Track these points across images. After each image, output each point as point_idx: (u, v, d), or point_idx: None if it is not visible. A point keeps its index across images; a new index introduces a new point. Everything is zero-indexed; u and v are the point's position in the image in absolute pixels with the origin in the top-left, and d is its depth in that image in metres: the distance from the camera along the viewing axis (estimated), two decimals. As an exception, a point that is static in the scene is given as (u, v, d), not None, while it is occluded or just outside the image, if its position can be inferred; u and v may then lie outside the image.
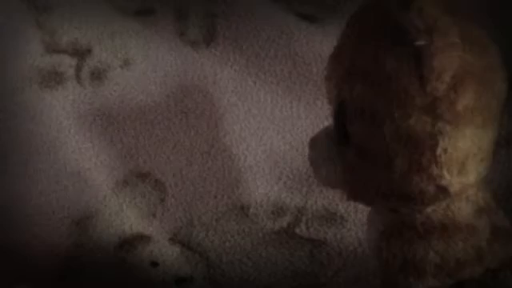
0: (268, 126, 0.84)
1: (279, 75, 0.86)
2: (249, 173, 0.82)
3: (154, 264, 0.78)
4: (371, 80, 0.49)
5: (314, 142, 0.58)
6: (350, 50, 0.52)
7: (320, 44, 0.85)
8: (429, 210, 0.52)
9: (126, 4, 0.91)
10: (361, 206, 0.78)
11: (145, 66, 0.88)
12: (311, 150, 0.58)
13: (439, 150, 0.48)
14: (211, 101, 0.86)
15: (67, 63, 0.87)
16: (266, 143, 0.83)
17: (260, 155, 0.82)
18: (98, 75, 0.87)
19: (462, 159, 0.49)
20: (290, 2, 0.90)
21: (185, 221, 0.80)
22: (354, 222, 0.78)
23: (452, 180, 0.49)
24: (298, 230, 0.78)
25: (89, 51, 0.88)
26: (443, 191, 0.50)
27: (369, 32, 0.50)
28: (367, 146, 0.50)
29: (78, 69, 0.87)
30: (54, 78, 0.87)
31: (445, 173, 0.49)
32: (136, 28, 0.90)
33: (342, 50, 0.54)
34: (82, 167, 0.83)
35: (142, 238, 0.79)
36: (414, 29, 0.46)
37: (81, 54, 0.88)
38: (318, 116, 0.83)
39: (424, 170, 0.49)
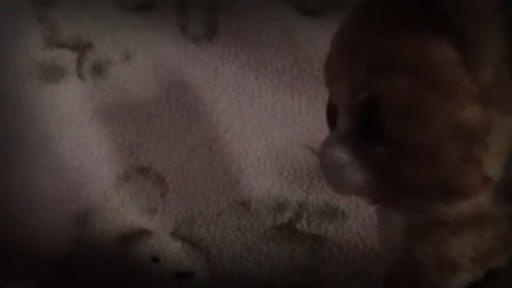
0: (269, 121, 0.84)
1: (280, 70, 0.86)
2: (250, 168, 0.81)
3: (155, 259, 0.78)
4: (415, 73, 0.47)
5: (327, 146, 0.53)
6: (379, 44, 0.48)
7: (321, 39, 0.85)
8: (463, 204, 0.50)
9: (127, -2, 0.91)
10: (362, 202, 0.78)
11: (146, 60, 0.88)
12: (324, 155, 0.53)
13: (490, 139, 0.47)
14: (212, 96, 0.85)
15: (68, 57, 0.88)
16: (267, 138, 0.83)
17: (261, 150, 0.82)
18: (99, 69, 0.87)
19: (505, 148, 0.48)
20: (291, -3, 0.90)
21: (186, 216, 0.80)
22: (355, 217, 0.78)
23: (497, 169, 0.48)
24: (299, 226, 0.78)
25: (90, 45, 0.88)
26: (488, 181, 0.49)
27: (401, 22, 0.48)
28: (409, 143, 0.48)
29: (79, 63, 0.87)
30: (55, 72, 0.87)
31: (493, 162, 0.48)
32: (137, 22, 0.90)
33: (356, 46, 0.50)
34: (83, 162, 0.83)
35: (143, 233, 0.79)
36: (463, 14, 0.45)
37: (82, 48, 0.88)
38: (319, 111, 0.82)
39: (475, 160, 0.47)
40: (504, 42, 0.46)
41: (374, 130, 0.49)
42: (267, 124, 0.84)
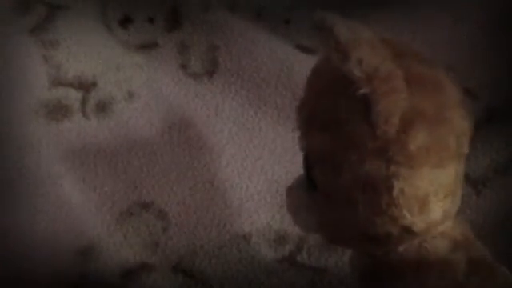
0: (269, 156, 0.85)
1: (279, 106, 0.87)
2: (250, 202, 0.82)
3: (158, 292, 0.78)
4: (328, 128, 0.51)
5: (289, 191, 0.60)
6: (310, 102, 0.55)
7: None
8: (401, 249, 0.52)
9: (129, 38, 0.93)
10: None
11: (148, 98, 0.89)
12: (287, 198, 0.61)
13: (396, 192, 0.49)
14: (213, 131, 0.86)
15: (73, 96, 0.88)
16: (267, 173, 0.84)
17: (261, 184, 0.83)
18: (102, 108, 0.88)
19: (421, 198, 0.49)
20: (289, 35, 0.92)
21: (187, 250, 0.80)
22: (354, 249, 0.78)
23: (414, 219, 0.50)
24: (299, 258, 0.79)
25: (94, 85, 0.89)
26: (408, 231, 0.51)
27: (325, 83, 0.53)
28: (332, 193, 0.52)
29: (84, 102, 0.89)
30: (60, 111, 0.88)
31: (405, 213, 0.49)
32: (139, 61, 0.91)
33: (303, 101, 0.56)
34: (87, 197, 0.84)
35: (146, 267, 0.80)
36: (356, 79, 0.47)
37: (86, 87, 0.89)
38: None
39: (385, 212, 0.49)
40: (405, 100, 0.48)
41: (311, 179, 0.54)
42: (267, 158, 0.85)
